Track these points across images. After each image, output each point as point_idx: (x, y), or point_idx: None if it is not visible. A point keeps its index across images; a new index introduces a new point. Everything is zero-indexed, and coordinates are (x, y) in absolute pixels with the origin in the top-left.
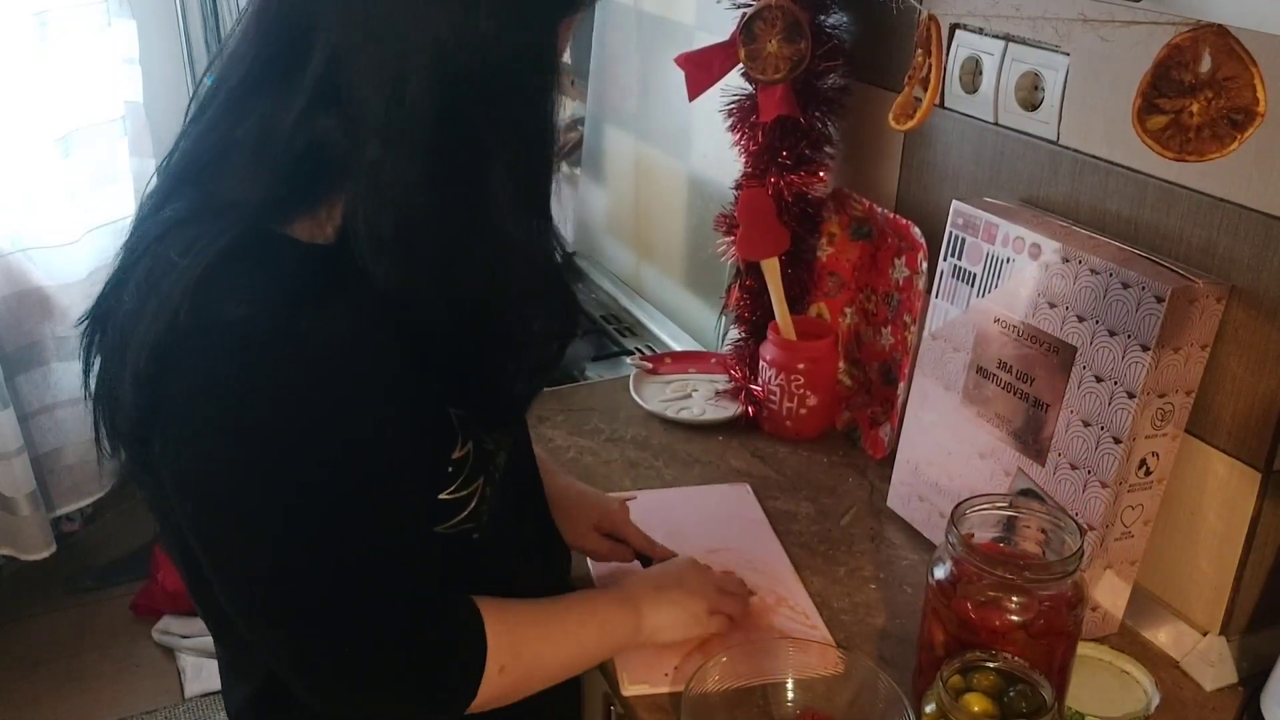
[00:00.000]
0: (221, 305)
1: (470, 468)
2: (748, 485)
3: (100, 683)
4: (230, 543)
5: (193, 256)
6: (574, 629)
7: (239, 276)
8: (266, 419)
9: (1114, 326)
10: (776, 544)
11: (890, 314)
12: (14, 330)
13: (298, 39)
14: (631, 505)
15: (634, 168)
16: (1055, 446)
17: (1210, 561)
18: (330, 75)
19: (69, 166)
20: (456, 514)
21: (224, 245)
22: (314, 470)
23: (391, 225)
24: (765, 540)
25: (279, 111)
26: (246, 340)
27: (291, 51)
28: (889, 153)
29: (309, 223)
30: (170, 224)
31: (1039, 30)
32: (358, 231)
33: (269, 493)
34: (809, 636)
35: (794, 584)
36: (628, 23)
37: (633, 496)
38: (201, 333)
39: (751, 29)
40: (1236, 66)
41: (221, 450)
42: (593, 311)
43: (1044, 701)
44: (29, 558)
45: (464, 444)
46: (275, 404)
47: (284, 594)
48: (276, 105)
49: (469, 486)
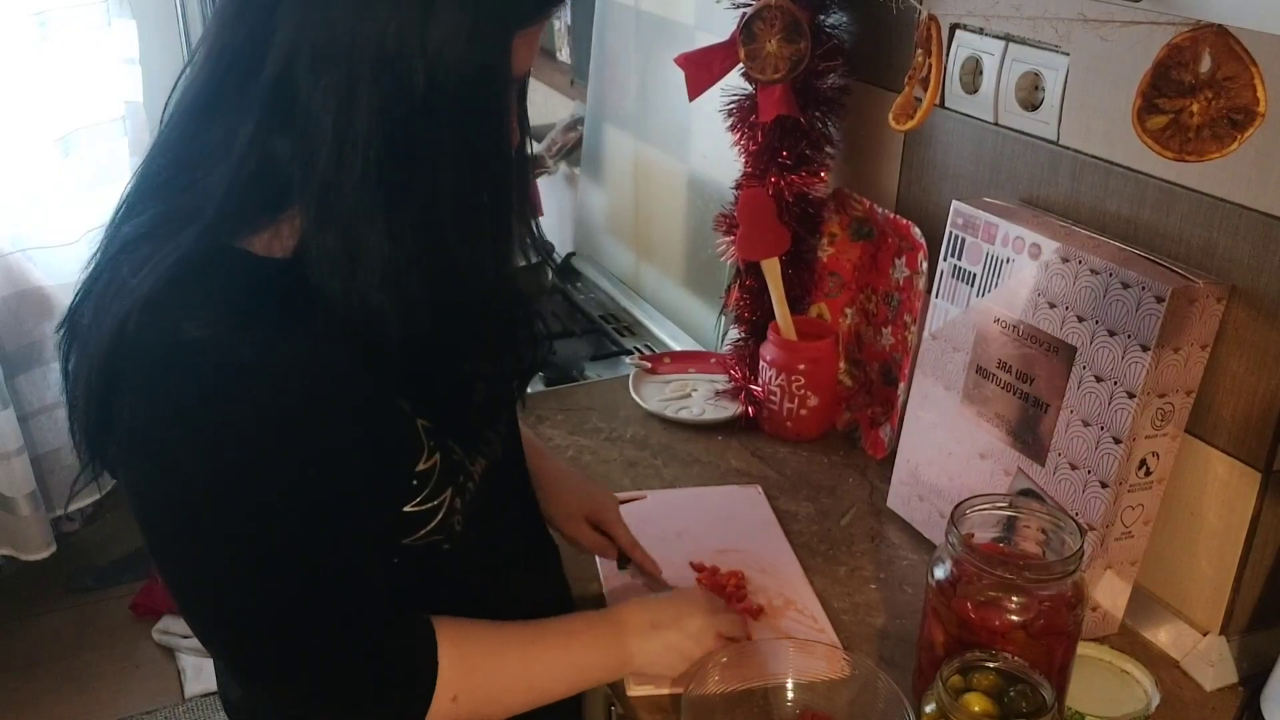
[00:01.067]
0: (169, 324)
1: (437, 479)
2: (759, 487)
3: (100, 683)
4: (175, 559)
5: (143, 275)
6: (540, 656)
7: (188, 295)
8: (214, 442)
9: (1114, 326)
10: (786, 546)
11: (890, 314)
12: (14, 330)
13: (253, 53)
14: (641, 505)
15: (634, 168)
16: (1055, 446)
17: (1210, 561)
18: (283, 90)
19: (69, 166)
20: (423, 526)
21: (174, 261)
22: (262, 494)
23: (340, 242)
24: (775, 542)
25: (234, 125)
26: (194, 363)
27: (246, 67)
28: (889, 153)
29: (266, 236)
30: (128, 240)
31: (1039, 30)
32: (309, 247)
33: (214, 515)
34: (817, 640)
35: (803, 587)
36: (628, 23)
37: (643, 496)
38: (147, 351)
39: (751, 29)
40: (1236, 66)
41: (167, 472)
42: (592, 311)
43: (1044, 701)
44: (29, 558)
45: (430, 455)
46: (222, 428)
47: (229, 611)
48: (232, 119)
49: (436, 498)
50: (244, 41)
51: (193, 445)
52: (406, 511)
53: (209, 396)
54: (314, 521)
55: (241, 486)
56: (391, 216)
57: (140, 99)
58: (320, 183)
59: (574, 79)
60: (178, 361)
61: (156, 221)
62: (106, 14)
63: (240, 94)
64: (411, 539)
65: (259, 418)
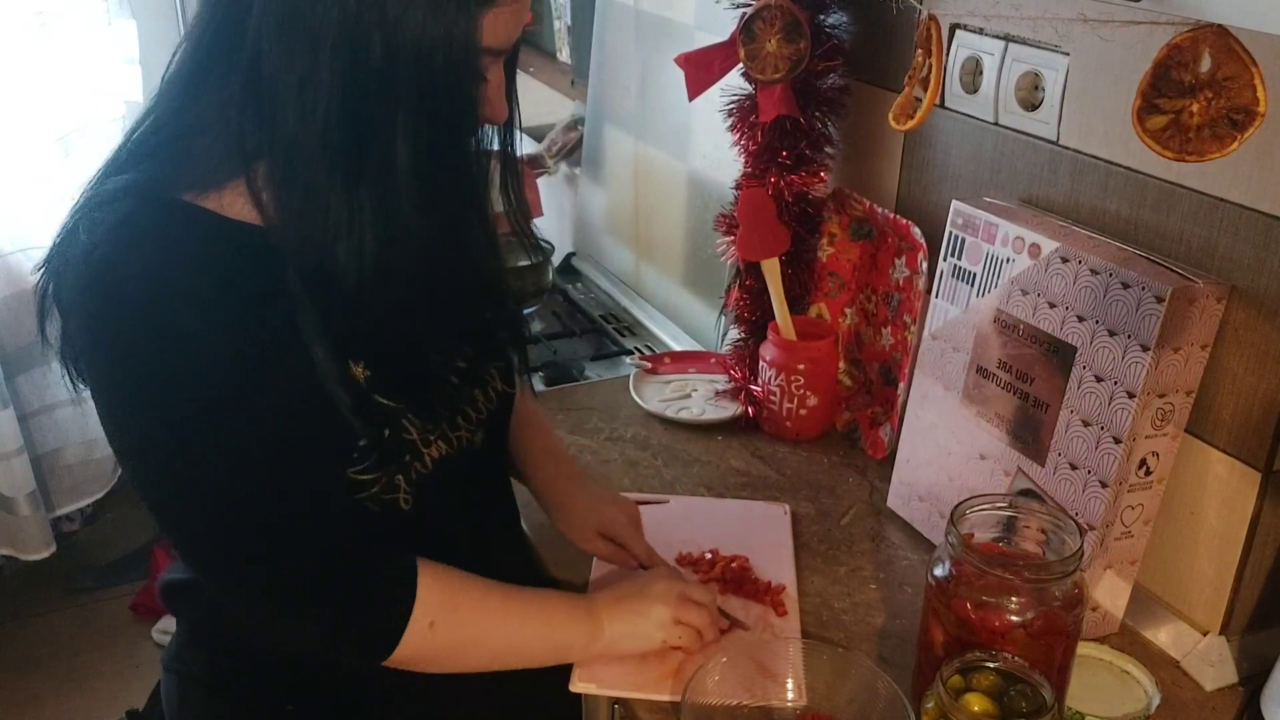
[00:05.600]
0: (116, 268)
1: (379, 455)
2: (786, 506)
3: (100, 683)
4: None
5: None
6: (518, 610)
7: (136, 238)
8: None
9: (1114, 326)
10: (791, 571)
11: (890, 314)
12: (14, 330)
13: (233, 28)
14: (662, 509)
15: (634, 168)
16: (1055, 446)
17: (1210, 561)
18: (255, 62)
19: (69, 166)
20: (363, 491)
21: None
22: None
23: (302, 199)
24: (782, 563)
25: (217, 98)
26: (125, 294)
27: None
28: (889, 153)
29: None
30: (91, 206)
31: (1039, 30)
32: (270, 210)
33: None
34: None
35: (790, 591)
36: (628, 23)
37: (665, 500)
38: (86, 290)
39: (751, 29)
40: (1236, 66)
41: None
42: (592, 311)
43: (1044, 701)
44: (29, 558)
45: (378, 430)
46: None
47: (190, 509)
48: (217, 93)
49: (379, 470)
50: (224, 17)
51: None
52: (351, 475)
53: (136, 320)
54: (264, 444)
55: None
56: (350, 181)
57: (140, 99)
58: (285, 144)
59: (574, 79)
60: (111, 297)
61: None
62: (106, 14)
63: (224, 68)
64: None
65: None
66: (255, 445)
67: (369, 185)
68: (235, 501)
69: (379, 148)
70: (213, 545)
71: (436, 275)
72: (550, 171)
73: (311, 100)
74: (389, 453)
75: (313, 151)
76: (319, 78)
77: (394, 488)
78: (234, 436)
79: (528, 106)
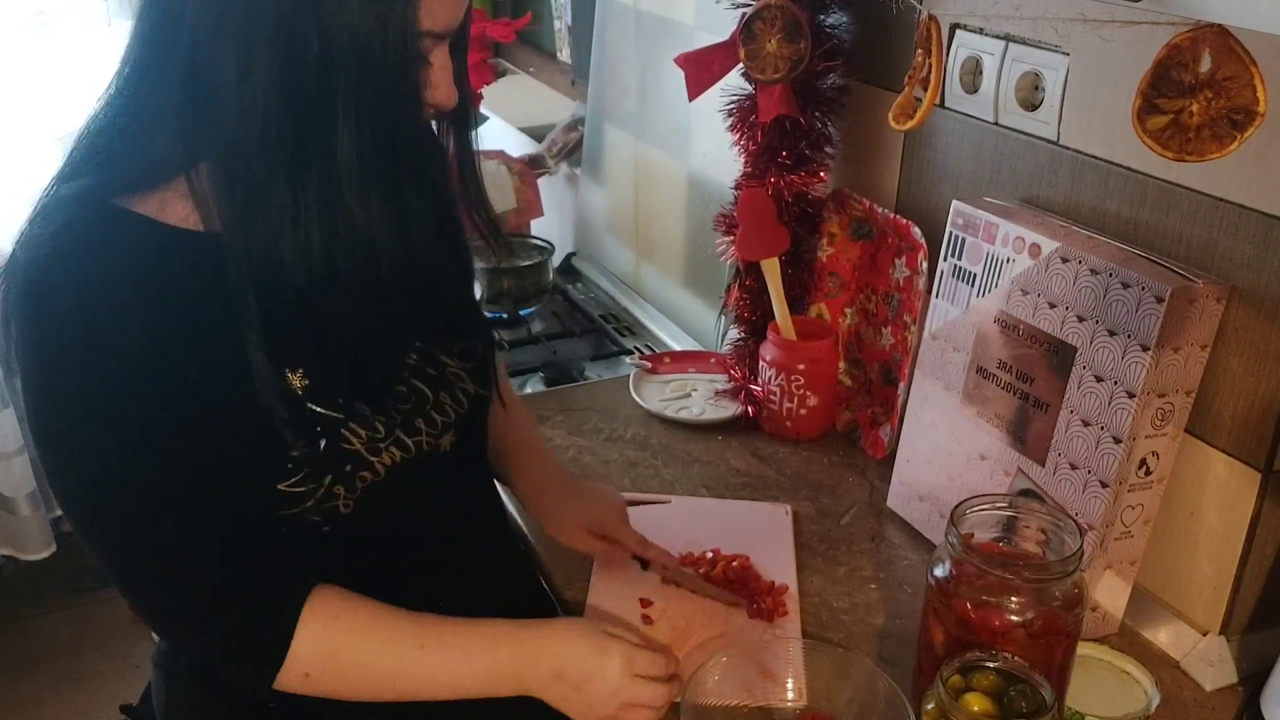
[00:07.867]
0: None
1: (316, 465)
2: (788, 507)
3: (100, 683)
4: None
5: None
6: (427, 664)
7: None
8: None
9: (1114, 326)
10: (793, 571)
11: (890, 314)
12: None
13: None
14: (664, 509)
15: (634, 168)
16: (1055, 446)
17: (1210, 561)
18: (192, 60)
19: None
20: (296, 505)
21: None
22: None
23: (245, 197)
24: (783, 564)
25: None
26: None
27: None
28: (889, 153)
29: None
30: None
31: (1039, 30)
32: (213, 211)
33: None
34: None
35: (792, 591)
36: (627, 23)
37: (667, 500)
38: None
39: (751, 29)
40: (1236, 66)
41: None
42: (592, 311)
43: (1044, 701)
44: (29, 558)
45: (314, 441)
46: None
47: (92, 513)
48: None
49: (313, 483)
50: (160, 14)
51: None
52: (281, 489)
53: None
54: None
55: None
56: (293, 175)
57: None
58: (225, 142)
59: (574, 79)
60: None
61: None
62: (106, 14)
63: (162, 67)
64: (289, 511)
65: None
66: (180, 465)
67: (312, 180)
68: (155, 523)
69: (320, 140)
70: (127, 562)
71: (386, 270)
72: (551, 171)
73: (250, 96)
74: (325, 463)
75: (253, 148)
76: (256, 73)
77: (332, 497)
78: (158, 454)
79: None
